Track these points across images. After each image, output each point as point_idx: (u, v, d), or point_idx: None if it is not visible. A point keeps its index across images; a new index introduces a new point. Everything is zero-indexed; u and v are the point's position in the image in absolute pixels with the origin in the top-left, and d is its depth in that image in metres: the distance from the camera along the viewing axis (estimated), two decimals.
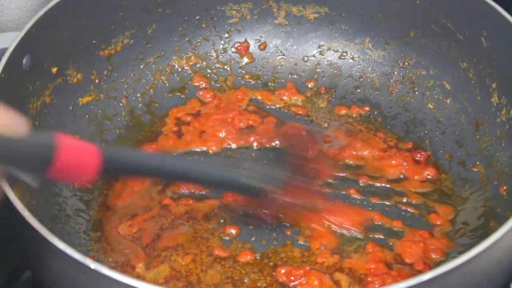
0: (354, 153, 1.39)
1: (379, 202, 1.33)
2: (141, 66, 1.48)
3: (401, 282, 0.97)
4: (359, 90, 1.51)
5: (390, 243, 1.26)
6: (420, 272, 1.22)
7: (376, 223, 1.30)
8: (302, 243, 1.26)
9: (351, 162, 1.39)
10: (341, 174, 1.36)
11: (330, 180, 1.34)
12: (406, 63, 1.49)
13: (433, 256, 1.25)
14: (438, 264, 1.24)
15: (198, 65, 1.52)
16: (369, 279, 1.21)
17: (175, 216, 1.29)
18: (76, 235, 1.26)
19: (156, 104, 1.47)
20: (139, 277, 1.21)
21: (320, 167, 1.32)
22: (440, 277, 0.98)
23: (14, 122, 0.95)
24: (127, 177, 1.31)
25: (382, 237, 1.28)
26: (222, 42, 1.54)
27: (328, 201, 1.30)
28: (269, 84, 1.52)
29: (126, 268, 1.22)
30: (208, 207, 1.31)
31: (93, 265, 0.98)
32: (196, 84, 1.50)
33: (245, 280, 1.21)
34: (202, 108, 1.47)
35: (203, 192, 1.33)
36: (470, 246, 1.24)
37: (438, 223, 1.30)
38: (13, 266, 1.28)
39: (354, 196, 1.34)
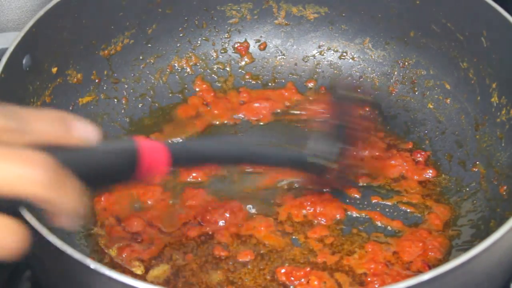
0: (354, 153, 1.39)
1: (379, 202, 1.33)
2: (141, 66, 1.48)
3: (401, 282, 0.97)
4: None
5: (390, 243, 1.26)
6: (419, 271, 1.22)
7: (376, 222, 1.30)
8: (302, 242, 1.27)
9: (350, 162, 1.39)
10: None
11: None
12: (406, 63, 1.49)
13: (433, 255, 1.25)
14: (437, 263, 1.24)
15: (198, 65, 1.52)
16: (369, 279, 1.21)
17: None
18: (76, 235, 1.26)
19: (156, 104, 1.47)
20: (139, 277, 1.21)
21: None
22: (440, 277, 0.98)
23: (89, 131, 0.93)
24: (193, 167, 1.32)
25: (381, 236, 1.28)
26: (222, 42, 1.54)
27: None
28: (269, 84, 1.52)
29: (126, 268, 1.22)
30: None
31: (93, 265, 0.98)
32: (197, 89, 1.50)
33: (245, 280, 1.21)
34: (203, 109, 1.46)
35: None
36: (469, 246, 1.24)
37: (437, 223, 1.30)
38: (13, 266, 1.28)
39: (354, 195, 1.34)
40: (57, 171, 0.83)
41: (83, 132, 0.92)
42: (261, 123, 1.45)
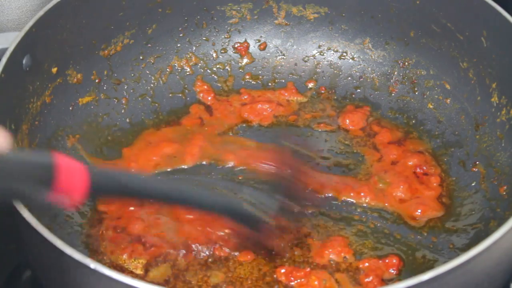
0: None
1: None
2: (141, 66, 1.48)
3: (401, 282, 0.97)
4: (359, 90, 1.51)
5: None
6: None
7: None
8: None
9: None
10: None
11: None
12: (406, 63, 1.49)
13: None
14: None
15: (198, 65, 1.52)
16: (369, 279, 1.21)
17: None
18: (76, 235, 1.26)
19: (156, 105, 1.47)
20: (139, 277, 1.21)
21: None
22: (440, 277, 0.98)
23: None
24: (113, 198, 1.18)
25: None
26: (222, 42, 1.54)
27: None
28: (269, 84, 1.52)
29: (126, 268, 1.22)
30: None
31: (93, 265, 0.98)
32: (197, 89, 1.50)
33: (245, 280, 1.21)
34: (205, 115, 1.46)
35: None
36: (469, 246, 1.24)
37: (437, 223, 1.30)
38: (13, 266, 1.28)
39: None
40: None
41: None
42: (263, 125, 1.45)
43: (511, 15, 1.30)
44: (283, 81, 1.52)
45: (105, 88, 1.44)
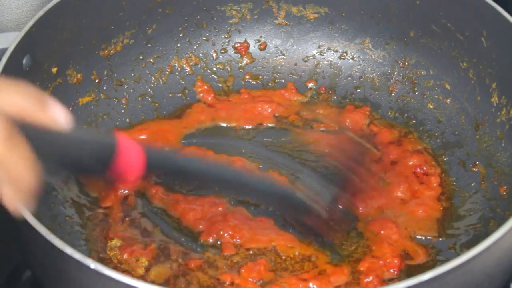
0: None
1: None
2: (141, 66, 1.48)
3: (401, 282, 0.97)
4: (359, 90, 1.51)
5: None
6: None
7: None
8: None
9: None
10: None
11: None
12: (406, 63, 1.49)
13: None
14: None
15: (198, 65, 1.52)
16: (368, 279, 1.21)
17: None
18: (76, 235, 1.26)
19: (156, 105, 1.47)
20: (139, 277, 1.21)
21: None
22: (440, 277, 0.98)
23: (62, 114, 0.89)
24: (166, 177, 1.22)
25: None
26: (222, 42, 1.54)
27: None
28: (269, 84, 1.52)
29: (126, 268, 1.22)
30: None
31: (93, 265, 0.98)
32: (198, 89, 1.50)
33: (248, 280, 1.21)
34: (205, 116, 1.46)
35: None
36: (469, 246, 1.24)
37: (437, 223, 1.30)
38: (13, 266, 1.28)
39: None
40: (12, 133, 0.81)
41: (56, 114, 0.89)
42: (263, 126, 1.45)
43: (511, 15, 1.30)
44: (283, 81, 1.52)
45: (105, 88, 1.44)
